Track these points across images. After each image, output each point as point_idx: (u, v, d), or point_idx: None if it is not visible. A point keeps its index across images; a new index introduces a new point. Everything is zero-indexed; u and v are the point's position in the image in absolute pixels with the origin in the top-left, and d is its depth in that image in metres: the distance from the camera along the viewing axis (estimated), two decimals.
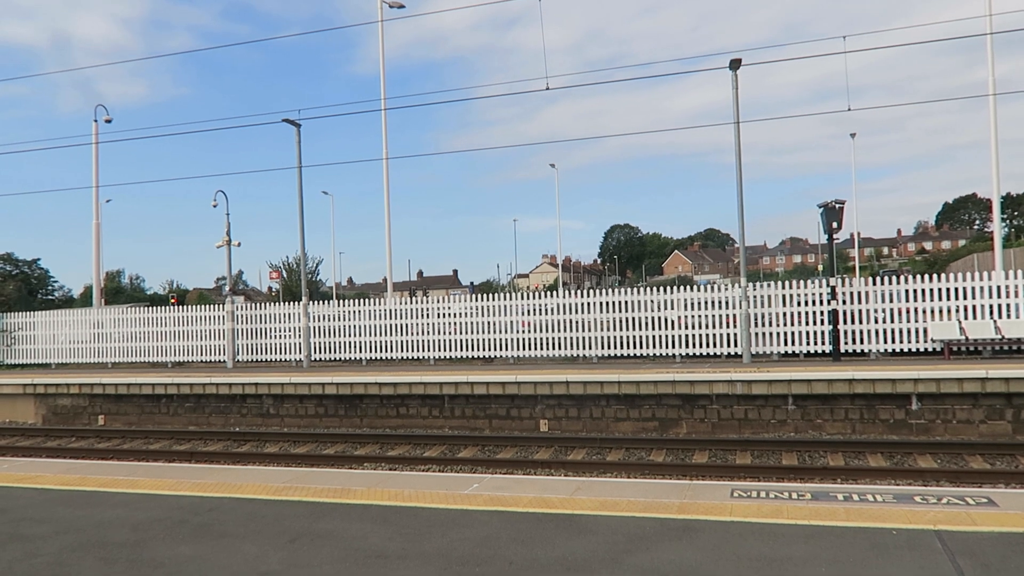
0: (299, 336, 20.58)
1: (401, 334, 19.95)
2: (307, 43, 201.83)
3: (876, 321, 16.19)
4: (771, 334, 16.88)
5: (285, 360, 20.94)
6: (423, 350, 19.68)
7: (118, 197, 64.28)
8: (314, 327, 20.65)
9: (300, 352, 20.51)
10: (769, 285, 17.32)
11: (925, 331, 15.84)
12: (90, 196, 26.63)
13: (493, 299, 19.28)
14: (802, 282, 17.14)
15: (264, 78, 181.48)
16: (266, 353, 21.15)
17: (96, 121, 26.11)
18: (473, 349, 19.25)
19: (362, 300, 21.12)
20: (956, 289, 15.76)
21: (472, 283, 73.18)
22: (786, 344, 16.77)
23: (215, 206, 23.15)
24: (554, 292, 19.18)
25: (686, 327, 17.59)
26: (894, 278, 16.43)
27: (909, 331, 15.98)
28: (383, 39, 24.89)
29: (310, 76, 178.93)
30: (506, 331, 19.00)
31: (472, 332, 19.25)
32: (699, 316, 17.51)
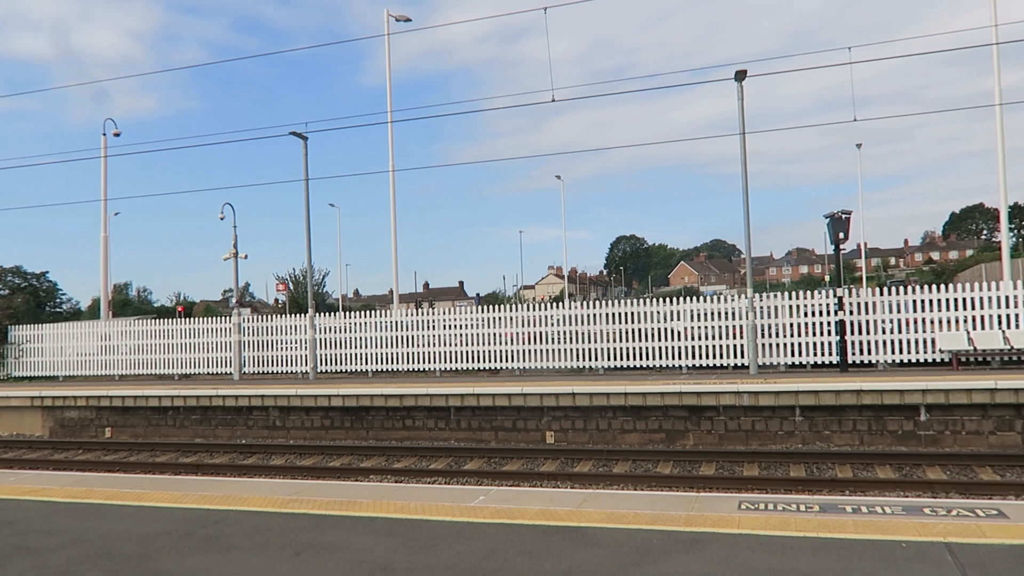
0: (305, 348, 20.63)
1: (407, 346, 19.97)
2: (316, 56, 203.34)
3: (883, 331, 16.13)
4: (778, 345, 16.83)
5: (291, 372, 20.99)
6: (429, 362, 19.68)
7: (126, 210, 64.89)
8: (320, 339, 20.69)
9: (306, 364, 20.54)
10: (776, 296, 17.28)
11: (933, 341, 15.77)
12: (98, 209, 26.86)
13: (499, 310, 19.28)
14: (809, 292, 17.11)
15: (273, 91, 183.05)
16: (272, 365, 21.19)
17: (105, 135, 26.33)
18: (479, 361, 19.25)
19: (368, 312, 21.16)
20: (964, 299, 15.71)
21: (478, 294, 73.30)
22: (793, 355, 16.72)
23: (222, 219, 23.23)
24: (560, 303, 19.18)
25: (692, 338, 17.56)
26: (901, 288, 16.38)
27: (917, 341, 15.91)
28: (390, 52, 25.12)
29: (319, 88, 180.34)
30: (512, 343, 19.00)
31: (478, 344, 19.26)
32: (705, 327, 17.48)
